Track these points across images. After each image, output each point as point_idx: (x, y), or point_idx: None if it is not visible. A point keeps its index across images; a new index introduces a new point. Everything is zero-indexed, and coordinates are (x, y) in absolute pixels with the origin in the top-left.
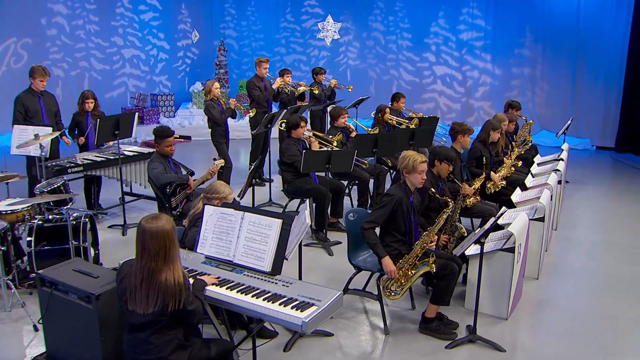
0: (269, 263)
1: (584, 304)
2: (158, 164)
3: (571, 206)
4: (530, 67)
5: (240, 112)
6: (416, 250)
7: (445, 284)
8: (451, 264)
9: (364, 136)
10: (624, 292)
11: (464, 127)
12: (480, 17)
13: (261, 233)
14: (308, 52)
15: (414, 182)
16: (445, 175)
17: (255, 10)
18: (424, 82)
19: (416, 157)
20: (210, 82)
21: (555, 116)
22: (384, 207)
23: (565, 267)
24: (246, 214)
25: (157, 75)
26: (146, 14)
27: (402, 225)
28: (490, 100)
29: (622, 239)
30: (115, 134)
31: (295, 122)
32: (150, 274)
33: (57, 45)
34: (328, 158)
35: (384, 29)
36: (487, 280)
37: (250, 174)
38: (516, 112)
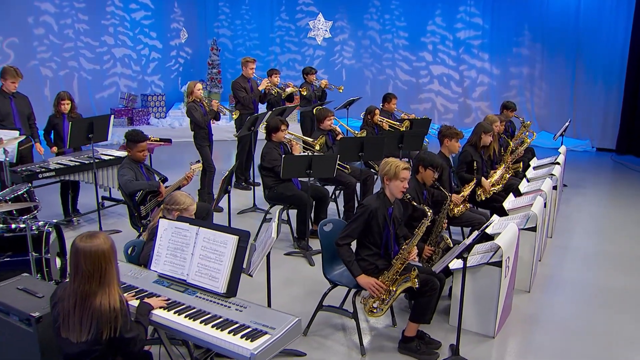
0: (224, 284)
1: (578, 320)
2: (128, 170)
3: (568, 212)
4: (529, 66)
5: (223, 114)
6: (396, 265)
7: (426, 300)
8: (432, 280)
9: (349, 139)
10: (622, 306)
11: (452, 131)
12: (477, 15)
13: (216, 251)
14: (303, 52)
15: (394, 191)
16: (431, 182)
17: (249, 8)
18: (421, 82)
19: (398, 163)
20: (192, 83)
21: (555, 117)
22: (357, 220)
23: (559, 278)
24: (201, 229)
25: (149, 75)
26: (137, 12)
27: (377, 238)
28: (488, 100)
29: (621, 248)
30: (89, 138)
31: (275, 125)
32: (83, 298)
33: (45, 45)
34: (309, 163)
35: (379, 27)
36: (473, 295)
37: (223, 182)
38: (511, 113)
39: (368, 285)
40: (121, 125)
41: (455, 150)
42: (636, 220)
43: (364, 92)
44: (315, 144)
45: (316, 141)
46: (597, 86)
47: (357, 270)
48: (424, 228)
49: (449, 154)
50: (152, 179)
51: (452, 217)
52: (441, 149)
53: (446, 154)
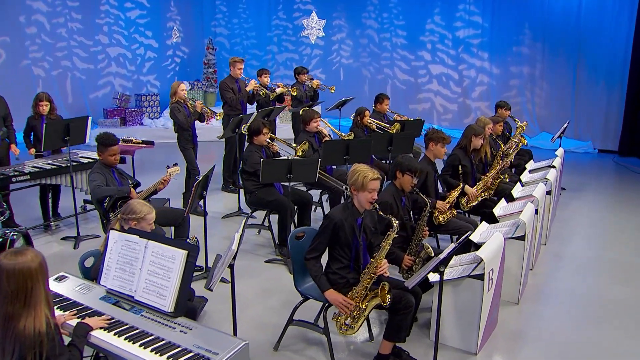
0: (171, 302)
1: (568, 335)
2: (98, 176)
3: (566, 217)
4: (529, 66)
5: (207, 116)
6: (364, 279)
7: (400, 318)
8: (406, 296)
9: (334, 142)
10: (617, 321)
11: (438, 135)
12: (477, 13)
13: (164, 266)
14: (300, 51)
15: (362, 202)
16: (409, 188)
17: (246, 7)
18: (420, 82)
19: (367, 173)
20: (176, 84)
21: (556, 117)
22: (322, 233)
23: (551, 289)
24: (149, 243)
25: (145, 74)
26: (132, 11)
27: (347, 251)
28: (487, 100)
29: (620, 256)
30: (65, 140)
31: (257, 127)
32: (6, 320)
33: (37, 44)
34: (289, 167)
35: (377, 26)
36: (454, 309)
37: (196, 187)
38: (506, 112)
39: (336, 302)
40: (114, 126)
41: (440, 155)
42: (637, 226)
43: (362, 92)
44: (298, 150)
45: (299, 147)
46: (599, 86)
47: (324, 285)
48: (391, 240)
49: (434, 158)
50: (125, 184)
51: (437, 225)
52: (426, 153)
53: (431, 159)
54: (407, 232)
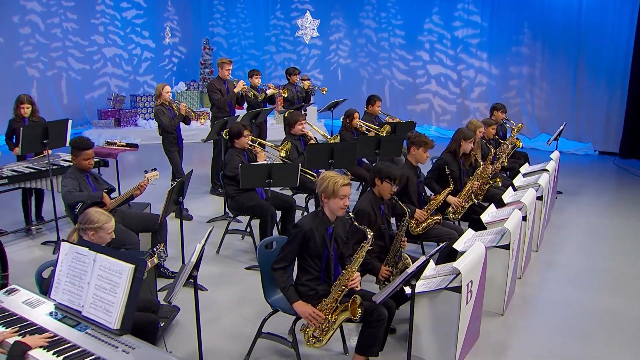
0: (117, 319)
1: (556, 348)
2: (70, 181)
3: (560, 222)
4: (529, 66)
5: (192, 118)
6: (334, 292)
7: (372, 331)
8: (378, 309)
9: (318, 145)
10: (608, 334)
11: (420, 139)
12: (476, 13)
13: (111, 281)
14: (298, 51)
15: (334, 209)
16: (388, 196)
17: (244, 7)
18: (418, 82)
19: (337, 179)
20: (160, 85)
21: (556, 118)
22: (291, 243)
23: (539, 299)
24: (98, 256)
25: (142, 75)
26: (129, 11)
27: (317, 261)
28: (487, 101)
29: (615, 264)
30: (44, 144)
31: (237, 130)
32: None
33: (32, 45)
34: (268, 172)
35: (375, 26)
36: (431, 322)
37: (169, 193)
38: (502, 115)
39: (304, 314)
40: (108, 127)
41: (422, 160)
42: (635, 233)
43: (360, 92)
44: (280, 150)
45: (281, 147)
46: (599, 86)
47: (293, 297)
48: (364, 252)
49: (416, 163)
50: (99, 189)
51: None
52: (408, 157)
53: (413, 163)
54: (385, 242)
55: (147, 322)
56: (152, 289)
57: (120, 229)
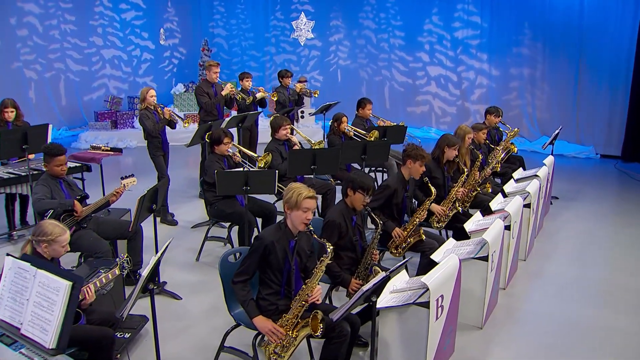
0: (53, 338)
1: None
2: (41, 188)
3: (553, 229)
4: (529, 67)
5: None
6: (295, 307)
7: (333, 347)
8: (341, 325)
9: (299, 151)
10: (593, 349)
11: (418, 153)
12: (476, 13)
13: (49, 298)
14: (298, 52)
15: (295, 222)
16: (360, 207)
17: (244, 8)
18: (418, 84)
19: (302, 191)
20: (145, 89)
21: (557, 120)
22: (251, 255)
23: (523, 312)
24: (38, 272)
25: (141, 76)
26: (128, 12)
27: (278, 275)
28: (487, 103)
29: (606, 274)
30: (23, 149)
31: (217, 136)
32: None
33: (29, 46)
34: (245, 179)
35: (375, 26)
36: (401, 337)
37: (140, 200)
38: (495, 119)
39: (264, 330)
40: (104, 129)
41: (416, 174)
42: (634, 241)
43: (359, 94)
44: (260, 161)
45: (261, 157)
46: (601, 88)
47: (253, 311)
48: (324, 267)
49: (409, 176)
50: (73, 196)
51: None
52: (401, 169)
53: (405, 176)
54: (357, 254)
55: (101, 337)
56: (117, 300)
57: (92, 237)
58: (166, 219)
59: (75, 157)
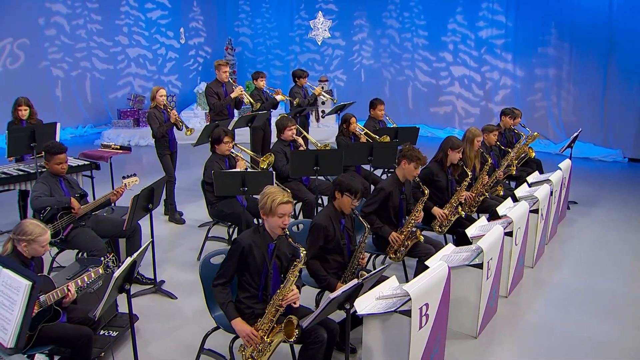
0: (12, 337)
1: None
2: (41, 185)
3: (568, 236)
4: (555, 67)
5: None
6: (269, 312)
7: (310, 354)
8: (317, 331)
9: (302, 152)
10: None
11: (413, 154)
12: (500, 12)
13: (10, 297)
14: (322, 51)
15: (272, 227)
16: (349, 210)
17: (269, 7)
18: (441, 84)
19: (276, 196)
20: (155, 88)
21: (583, 123)
22: (230, 258)
23: (522, 322)
24: (3, 271)
25: (166, 74)
26: (154, 12)
27: (255, 279)
28: (511, 104)
29: (614, 285)
30: (31, 147)
31: (217, 136)
32: None
33: (57, 45)
34: (242, 180)
35: (399, 26)
36: (383, 345)
37: (134, 200)
38: (510, 121)
39: (241, 334)
40: (127, 127)
41: (410, 176)
42: None
43: (383, 94)
44: (263, 162)
45: (263, 158)
46: (631, 89)
47: (232, 314)
48: (297, 271)
49: (404, 178)
50: (72, 194)
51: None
52: (396, 171)
53: (400, 178)
54: (345, 258)
55: (79, 335)
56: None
57: (88, 235)
58: (174, 218)
59: (85, 155)
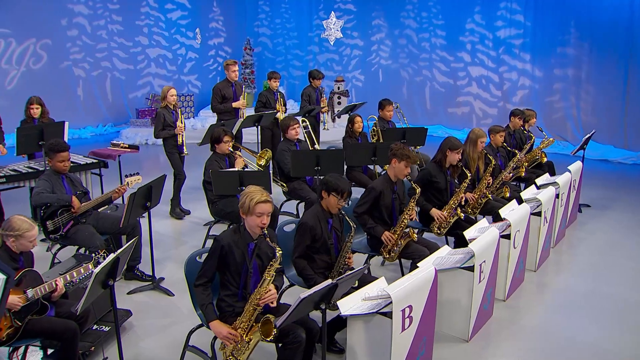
0: None
1: None
2: (43, 182)
3: (576, 239)
4: (574, 68)
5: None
6: (247, 311)
7: (287, 353)
8: (295, 331)
9: (302, 152)
10: None
11: (403, 152)
12: (519, 12)
13: None
14: (340, 51)
15: (251, 226)
16: (336, 210)
17: (289, 7)
18: (459, 84)
19: (255, 195)
20: (166, 88)
21: (603, 124)
22: (210, 258)
23: (516, 326)
24: None
25: (186, 74)
26: (174, 12)
27: (236, 278)
28: (529, 105)
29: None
30: (40, 145)
31: (217, 135)
32: None
33: (78, 46)
34: (239, 179)
35: (416, 26)
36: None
37: (131, 198)
38: (520, 122)
39: (219, 335)
40: (145, 126)
41: (401, 174)
42: None
43: (401, 94)
44: (260, 159)
45: (260, 154)
46: None
47: (210, 316)
48: (273, 271)
49: (395, 177)
50: (74, 192)
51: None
52: (387, 170)
53: (391, 177)
54: (332, 257)
55: (64, 329)
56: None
57: (87, 231)
58: (174, 212)
59: (94, 154)
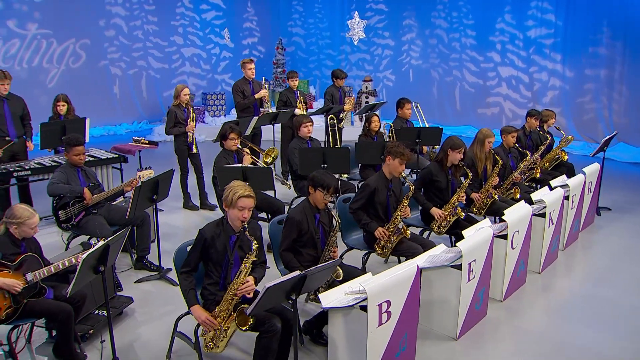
0: None
1: None
2: (59, 174)
3: (588, 243)
4: (607, 68)
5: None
6: (225, 300)
7: (264, 342)
8: (271, 320)
9: (309, 150)
10: None
11: (398, 150)
12: (550, 11)
13: None
14: (372, 51)
15: (232, 220)
16: (322, 205)
17: (322, 7)
18: (488, 85)
19: (238, 189)
20: (180, 86)
21: (636, 126)
22: (194, 248)
23: (509, 327)
24: None
25: (220, 73)
26: (208, 13)
27: (218, 268)
28: (559, 106)
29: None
30: (62, 140)
31: (224, 132)
32: None
33: (115, 46)
34: (243, 175)
35: (447, 25)
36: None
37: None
38: (536, 122)
39: (199, 320)
40: None
41: (396, 172)
42: None
43: (431, 95)
44: (267, 156)
45: (267, 151)
46: None
47: (191, 301)
48: (249, 263)
49: (390, 174)
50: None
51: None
52: (382, 167)
53: (386, 174)
54: (318, 252)
55: (59, 311)
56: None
57: (97, 222)
58: (187, 205)
59: (115, 149)
